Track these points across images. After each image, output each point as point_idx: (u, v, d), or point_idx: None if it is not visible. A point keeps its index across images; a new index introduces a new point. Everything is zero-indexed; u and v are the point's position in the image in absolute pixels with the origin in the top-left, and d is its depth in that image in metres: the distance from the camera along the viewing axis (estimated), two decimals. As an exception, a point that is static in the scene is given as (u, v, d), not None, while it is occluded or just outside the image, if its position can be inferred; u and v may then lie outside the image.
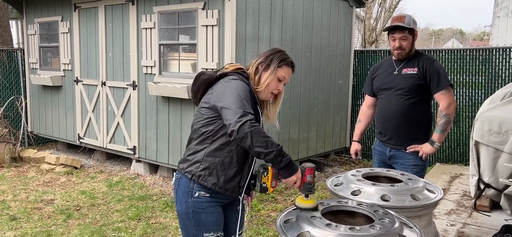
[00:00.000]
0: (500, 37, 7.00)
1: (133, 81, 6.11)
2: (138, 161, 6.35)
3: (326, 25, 6.60)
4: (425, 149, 3.13)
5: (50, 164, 6.61)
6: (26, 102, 8.02)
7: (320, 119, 6.72)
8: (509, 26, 6.98)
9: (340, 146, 7.30)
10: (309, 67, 6.35)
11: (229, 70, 2.23)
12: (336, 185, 2.41)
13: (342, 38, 7.00)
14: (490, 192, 4.11)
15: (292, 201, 5.20)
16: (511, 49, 6.14)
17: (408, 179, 2.43)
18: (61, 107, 7.40)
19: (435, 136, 3.11)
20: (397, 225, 1.78)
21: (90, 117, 6.84)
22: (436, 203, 2.26)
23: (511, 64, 6.14)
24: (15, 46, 9.51)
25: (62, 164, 6.55)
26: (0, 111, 7.52)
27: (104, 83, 6.53)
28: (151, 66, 5.85)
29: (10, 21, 10.86)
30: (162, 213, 4.78)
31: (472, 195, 4.27)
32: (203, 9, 5.23)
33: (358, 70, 7.44)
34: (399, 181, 2.44)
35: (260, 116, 2.26)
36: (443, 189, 4.79)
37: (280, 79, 2.26)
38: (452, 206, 4.35)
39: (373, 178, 2.54)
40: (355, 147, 3.52)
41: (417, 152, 3.15)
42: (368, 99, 3.51)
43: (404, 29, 3.10)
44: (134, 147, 6.24)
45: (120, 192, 5.53)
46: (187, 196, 2.19)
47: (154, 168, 6.31)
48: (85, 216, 4.70)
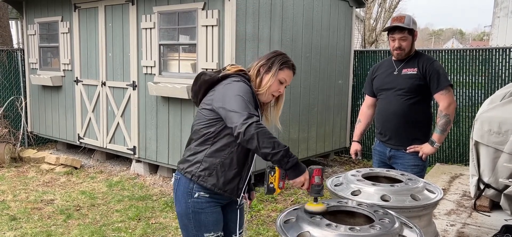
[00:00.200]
0: (500, 37, 7.00)
1: (133, 82, 6.11)
2: (138, 161, 6.35)
3: (326, 25, 6.60)
4: (425, 149, 3.13)
5: (50, 164, 6.61)
6: (26, 103, 8.02)
7: (320, 119, 6.72)
8: (509, 26, 6.98)
9: (340, 146, 7.31)
10: (309, 68, 6.35)
11: (231, 72, 2.23)
12: (336, 185, 2.41)
13: (342, 38, 7.01)
14: (490, 192, 4.11)
15: (292, 201, 5.20)
16: (511, 49, 6.15)
17: (408, 179, 2.43)
18: (61, 108, 7.40)
19: (435, 136, 3.11)
20: (397, 225, 1.78)
21: (90, 118, 6.84)
22: (436, 203, 2.26)
23: (511, 65, 6.15)
24: (15, 46, 9.51)
25: (62, 164, 6.55)
26: (0, 112, 7.52)
27: (104, 84, 6.53)
28: (151, 67, 5.85)
29: (10, 21, 10.86)
30: (162, 213, 4.78)
31: (472, 195, 4.27)
32: (203, 9, 5.23)
33: (358, 71, 7.44)
34: (399, 181, 2.44)
35: (260, 119, 2.26)
36: (443, 189, 4.79)
37: (281, 82, 2.27)
38: (452, 206, 4.35)
39: (373, 178, 2.54)
40: (355, 147, 3.52)
41: (417, 152, 3.15)
42: (368, 100, 3.51)
43: (404, 30, 3.10)
44: (134, 147, 6.24)
45: (120, 192, 5.53)
46: (187, 196, 2.19)
47: (154, 168, 6.31)
48: (85, 216, 4.70)
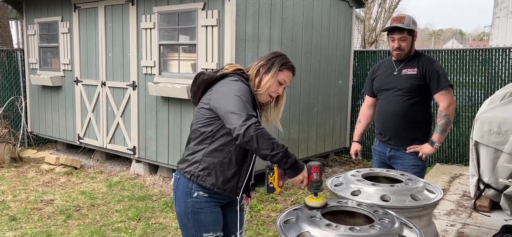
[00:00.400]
0: (500, 38, 6.99)
1: (133, 82, 6.11)
2: (138, 161, 6.35)
3: (326, 26, 6.60)
4: (425, 149, 3.13)
5: (50, 164, 6.61)
6: (26, 103, 8.02)
7: (320, 119, 6.72)
8: (509, 27, 6.98)
9: (340, 146, 7.31)
10: (309, 68, 6.35)
11: (229, 71, 2.23)
12: (336, 185, 2.42)
13: (342, 39, 7.01)
14: (490, 192, 4.11)
15: (292, 201, 5.20)
16: (511, 50, 6.15)
17: (408, 179, 2.43)
18: (61, 108, 7.40)
19: (435, 136, 3.11)
20: (397, 225, 1.78)
21: (90, 118, 6.84)
22: (436, 203, 2.26)
23: (511, 65, 6.15)
24: (15, 47, 9.51)
25: (62, 164, 6.55)
26: (0, 112, 7.52)
27: (104, 84, 6.53)
28: (151, 67, 5.85)
29: (10, 22, 10.86)
30: (162, 213, 4.78)
31: (472, 195, 4.27)
32: (203, 10, 5.23)
33: (358, 71, 7.44)
34: (399, 181, 2.44)
35: (259, 119, 2.26)
36: (443, 189, 4.79)
37: (281, 83, 2.27)
38: (452, 206, 4.35)
39: (373, 178, 2.54)
40: (355, 147, 3.52)
41: (417, 152, 3.15)
42: (368, 100, 3.51)
43: (403, 30, 3.10)
44: (134, 147, 6.24)
45: (120, 192, 5.53)
46: (186, 196, 2.19)
47: (154, 168, 6.31)
48: (85, 216, 4.70)
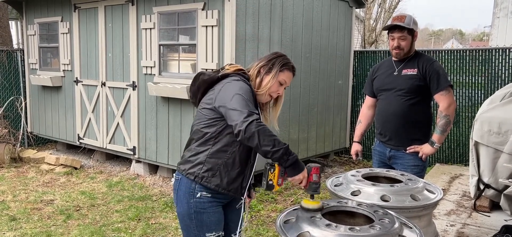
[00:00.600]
0: (500, 38, 6.99)
1: (133, 82, 6.11)
2: (138, 161, 6.35)
3: (326, 26, 6.60)
4: (425, 149, 3.13)
5: (50, 164, 6.61)
6: (26, 103, 8.02)
7: (320, 119, 6.72)
8: (509, 27, 6.98)
9: (340, 146, 7.31)
10: (309, 68, 6.35)
11: (230, 71, 2.24)
12: (336, 185, 2.41)
13: (342, 39, 7.01)
14: (490, 192, 4.11)
15: (292, 201, 5.20)
16: (511, 50, 6.15)
17: (408, 179, 2.43)
18: (61, 108, 7.40)
19: (435, 136, 3.11)
20: (397, 225, 1.78)
21: (90, 118, 6.84)
22: (436, 203, 2.26)
23: (511, 65, 6.15)
24: (15, 47, 9.51)
25: (62, 164, 6.55)
26: (0, 112, 7.52)
27: (104, 84, 6.53)
28: (151, 67, 5.85)
29: (10, 22, 10.86)
30: (162, 213, 4.78)
31: (472, 195, 4.27)
32: (203, 10, 5.23)
33: (358, 71, 7.44)
34: (399, 181, 2.44)
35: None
36: (443, 189, 4.79)
37: (281, 83, 2.27)
38: (452, 206, 4.35)
39: (373, 178, 2.54)
40: (356, 147, 3.52)
41: (417, 152, 3.15)
42: (368, 100, 3.51)
43: (403, 29, 3.09)
44: (134, 147, 6.24)
45: (120, 192, 5.52)
46: (189, 196, 2.19)
47: (154, 168, 6.31)
48: (85, 216, 4.70)
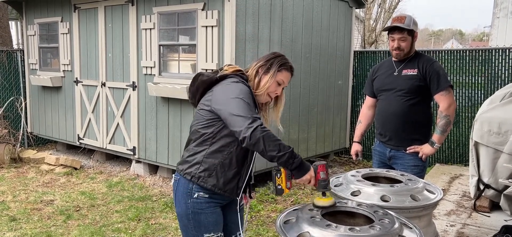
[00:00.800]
0: (500, 38, 6.99)
1: (133, 82, 6.11)
2: (138, 161, 6.34)
3: (326, 26, 6.60)
4: (425, 149, 3.13)
5: (50, 164, 6.61)
6: (26, 103, 8.01)
7: (320, 119, 6.72)
8: (509, 27, 6.98)
9: (340, 146, 7.30)
10: (309, 68, 6.35)
11: (229, 72, 2.23)
12: (336, 185, 2.42)
13: (342, 39, 7.01)
14: (490, 192, 4.11)
15: (292, 202, 5.20)
16: (511, 50, 6.15)
17: (408, 179, 2.43)
18: (61, 108, 7.40)
19: (435, 136, 3.11)
20: (397, 225, 1.78)
21: (90, 118, 6.83)
22: (436, 203, 2.27)
23: (511, 65, 6.15)
24: (15, 47, 9.51)
25: (62, 164, 6.55)
26: (0, 112, 7.52)
27: (104, 84, 6.53)
28: (151, 67, 5.85)
29: (10, 22, 10.86)
30: (162, 213, 4.78)
31: (472, 195, 4.27)
32: (203, 10, 5.23)
33: (358, 71, 7.44)
34: (399, 181, 2.44)
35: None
36: (443, 189, 4.79)
37: (280, 83, 2.27)
38: (452, 206, 4.35)
39: (373, 178, 2.54)
40: (356, 147, 3.53)
41: (417, 152, 3.15)
42: (369, 100, 3.51)
43: (403, 30, 3.10)
44: (134, 147, 6.24)
45: (120, 192, 5.52)
46: (187, 197, 2.19)
47: (154, 168, 6.31)
48: (85, 216, 4.70)
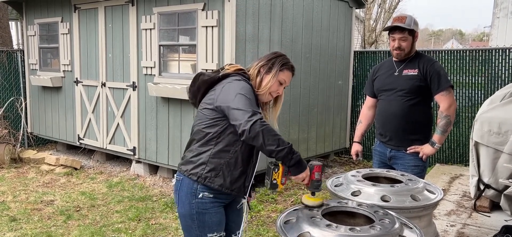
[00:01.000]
0: (500, 38, 6.99)
1: (133, 82, 6.11)
2: (138, 161, 6.34)
3: (326, 26, 6.61)
4: (426, 150, 3.13)
5: (50, 165, 6.61)
6: (26, 103, 8.01)
7: (320, 119, 6.72)
8: (509, 27, 6.97)
9: (340, 146, 7.30)
10: (309, 68, 6.35)
11: (230, 71, 2.24)
12: (336, 185, 2.42)
13: (342, 39, 7.01)
14: (490, 192, 4.11)
15: (292, 202, 5.20)
16: (511, 50, 6.15)
17: (408, 179, 2.43)
18: (61, 108, 7.40)
19: (436, 137, 3.11)
20: (397, 225, 1.78)
21: (90, 118, 6.84)
22: (436, 203, 2.27)
23: (511, 65, 6.15)
24: (15, 47, 9.51)
25: (62, 164, 6.55)
26: (0, 112, 7.52)
27: (104, 84, 6.53)
28: (151, 67, 5.85)
29: (10, 22, 10.86)
30: (162, 214, 4.78)
31: (472, 195, 4.27)
32: (203, 10, 5.23)
33: (358, 71, 7.44)
34: (399, 181, 2.44)
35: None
36: (443, 189, 4.79)
37: (281, 83, 2.28)
38: (452, 206, 4.35)
39: (373, 178, 2.54)
40: (356, 148, 3.53)
41: (417, 152, 3.16)
42: (369, 100, 3.51)
43: (404, 30, 3.10)
44: (134, 147, 6.24)
45: (120, 193, 5.52)
46: (191, 197, 2.19)
47: (154, 168, 6.31)
48: (85, 217, 4.70)
